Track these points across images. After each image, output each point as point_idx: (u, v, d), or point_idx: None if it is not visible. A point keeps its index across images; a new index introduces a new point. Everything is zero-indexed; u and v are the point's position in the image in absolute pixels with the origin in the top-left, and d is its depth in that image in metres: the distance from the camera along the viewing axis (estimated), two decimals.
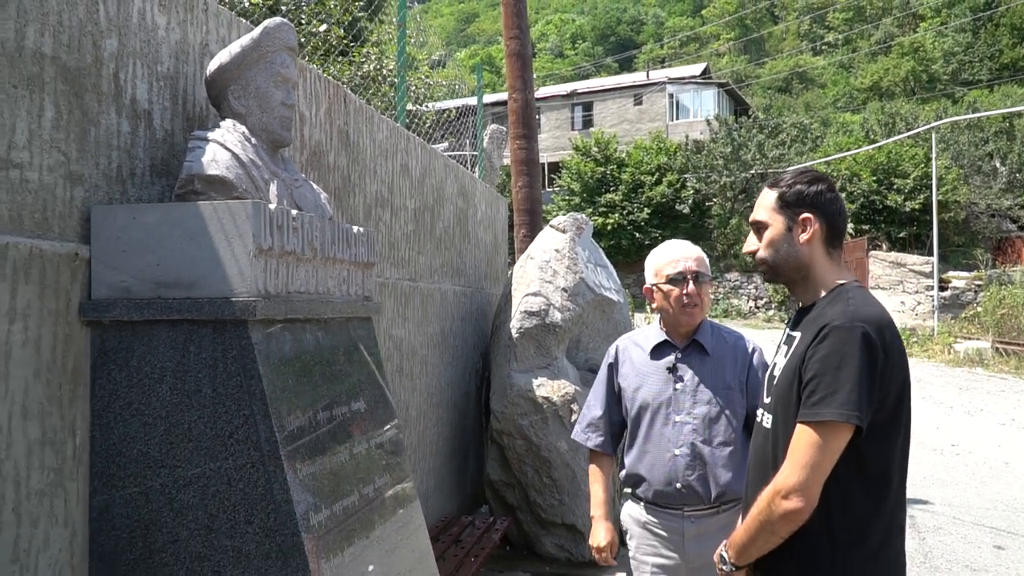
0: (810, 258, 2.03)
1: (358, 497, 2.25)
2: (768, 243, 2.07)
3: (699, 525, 2.63)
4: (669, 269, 2.70)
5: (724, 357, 2.73)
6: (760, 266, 2.11)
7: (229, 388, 1.93)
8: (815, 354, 1.86)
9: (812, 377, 1.85)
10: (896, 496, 1.94)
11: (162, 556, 1.95)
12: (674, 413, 2.67)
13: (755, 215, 2.12)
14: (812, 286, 2.04)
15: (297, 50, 2.44)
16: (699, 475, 2.62)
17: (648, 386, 2.74)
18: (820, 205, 2.02)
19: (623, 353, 2.86)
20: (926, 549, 5.74)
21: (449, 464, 5.10)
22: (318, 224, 2.25)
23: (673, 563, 2.67)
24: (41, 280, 1.87)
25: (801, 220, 2.02)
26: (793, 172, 2.11)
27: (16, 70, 1.82)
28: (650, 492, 2.68)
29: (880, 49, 56.17)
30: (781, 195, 2.05)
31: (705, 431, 2.64)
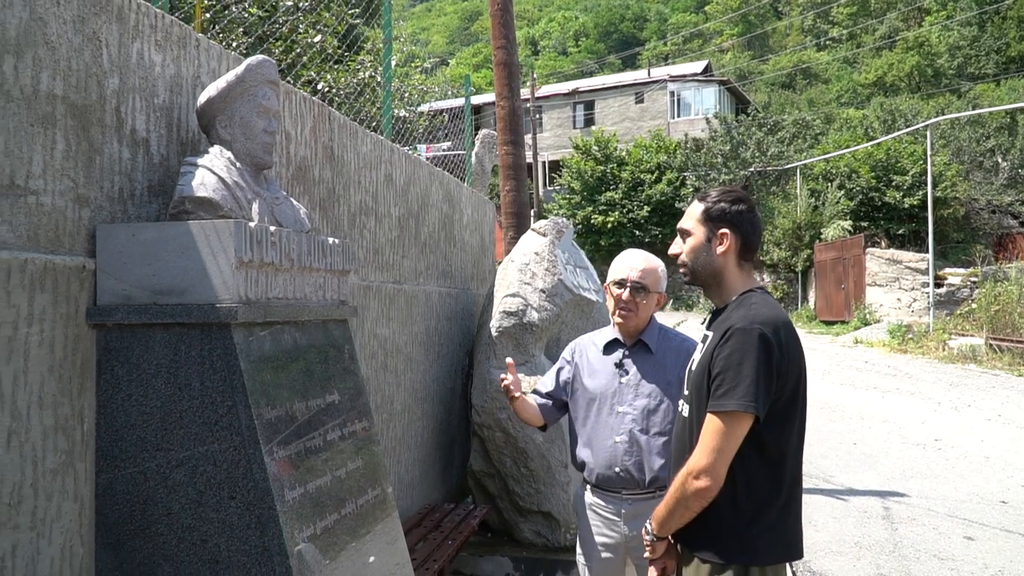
0: (723, 267, 2.32)
1: (331, 478, 2.56)
2: (689, 250, 2.36)
3: (634, 507, 2.93)
4: (615, 274, 3.02)
5: (667, 356, 3.02)
6: (680, 268, 2.39)
7: (215, 382, 2.24)
8: (720, 353, 2.15)
9: (718, 373, 2.14)
10: (792, 474, 2.22)
11: (158, 527, 2.27)
12: (617, 404, 2.97)
13: (682, 223, 2.40)
14: (724, 291, 2.33)
15: (278, 82, 2.75)
16: (635, 460, 2.91)
17: (598, 379, 3.05)
18: (738, 223, 2.31)
19: (581, 349, 3.18)
20: (897, 539, 5.96)
21: (434, 455, 5.41)
22: (295, 238, 2.56)
23: (614, 541, 2.99)
24: (54, 289, 2.19)
25: (719, 234, 2.31)
26: (720, 189, 2.40)
27: (32, 110, 2.13)
28: (593, 476, 2.99)
29: (884, 44, 56.17)
30: (706, 209, 2.33)
31: (643, 421, 2.93)
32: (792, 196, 29.41)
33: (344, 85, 8.81)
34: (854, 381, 14.17)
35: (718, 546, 2.20)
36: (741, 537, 2.18)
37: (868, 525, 6.28)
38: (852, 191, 27.72)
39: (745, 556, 2.18)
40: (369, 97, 8.87)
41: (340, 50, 8.13)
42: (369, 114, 8.01)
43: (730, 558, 2.18)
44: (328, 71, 8.64)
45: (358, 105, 8.25)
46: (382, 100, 5.35)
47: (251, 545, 2.21)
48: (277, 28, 8.01)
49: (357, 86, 8.89)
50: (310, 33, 7.81)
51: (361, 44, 9.44)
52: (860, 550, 5.71)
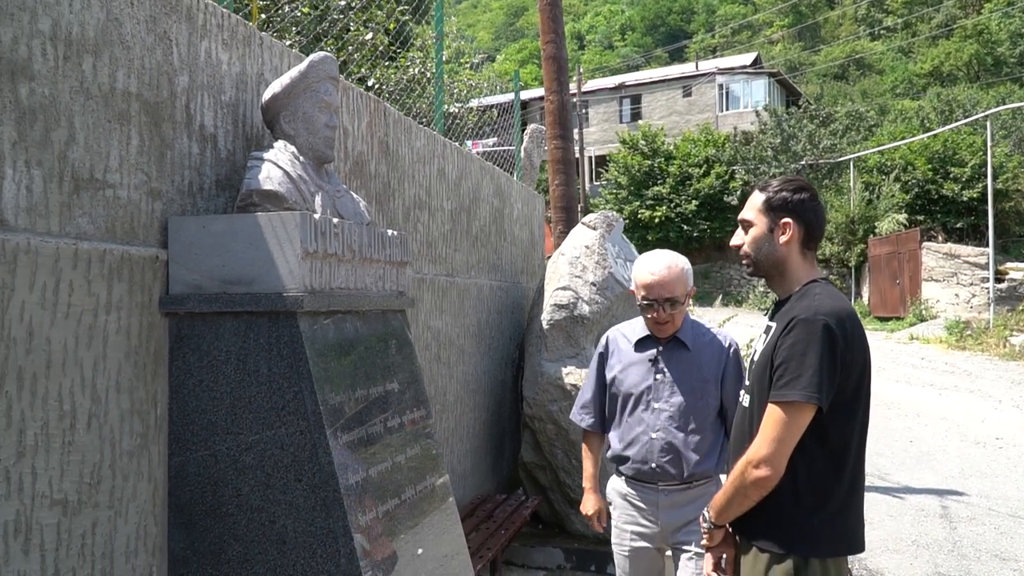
0: (786, 257, 2.29)
1: (391, 464, 2.63)
2: (752, 241, 2.33)
3: (672, 497, 2.97)
4: (643, 292, 2.93)
5: (702, 352, 3.01)
6: (743, 260, 2.37)
7: (282, 368, 2.32)
8: (784, 343, 2.13)
9: (780, 363, 2.12)
10: (854, 467, 2.20)
11: (227, 508, 2.35)
12: (653, 401, 2.97)
13: (743, 214, 2.38)
14: (787, 282, 2.31)
15: (338, 79, 2.83)
16: (671, 457, 2.93)
17: (632, 375, 3.04)
18: (801, 211, 2.28)
19: (612, 343, 3.17)
20: (956, 538, 5.84)
21: (485, 446, 5.47)
22: (356, 229, 2.63)
23: (650, 531, 3.01)
24: (130, 279, 2.29)
25: (782, 224, 2.29)
26: (782, 179, 2.38)
27: (110, 108, 2.23)
28: (630, 469, 3.01)
29: (941, 32, 54.75)
30: (768, 199, 2.31)
31: (680, 418, 2.93)
32: (845, 189, 28.88)
33: (394, 81, 8.92)
34: (910, 378, 13.89)
35: (778, 536, 2.18)
36: (802, 528, 2.16)
37: (925, 523, 6.18)
38: (908, 184, 27.13)
39: (805, 547, 2.16)
40: (419, 93, 8.97)
41: (391, 47, 8.23)
42: (419, 110, 8.11)
43: (790, 548, 2.16)
44: (378, 68, 8.76)
45: (408, 101, 8.35)
46: (433, 96, 5.43)
47: (316, 526, 2.28)
48: (330, 27, 8.15)
49: (407, 82, 8.99)
50: (362, 31, 7.93)
51: (411, 41, 9.55)
52: (917, 548, 5.62)
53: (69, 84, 2.10)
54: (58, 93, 2.07)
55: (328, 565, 2.27)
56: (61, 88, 2.08)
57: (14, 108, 1.94)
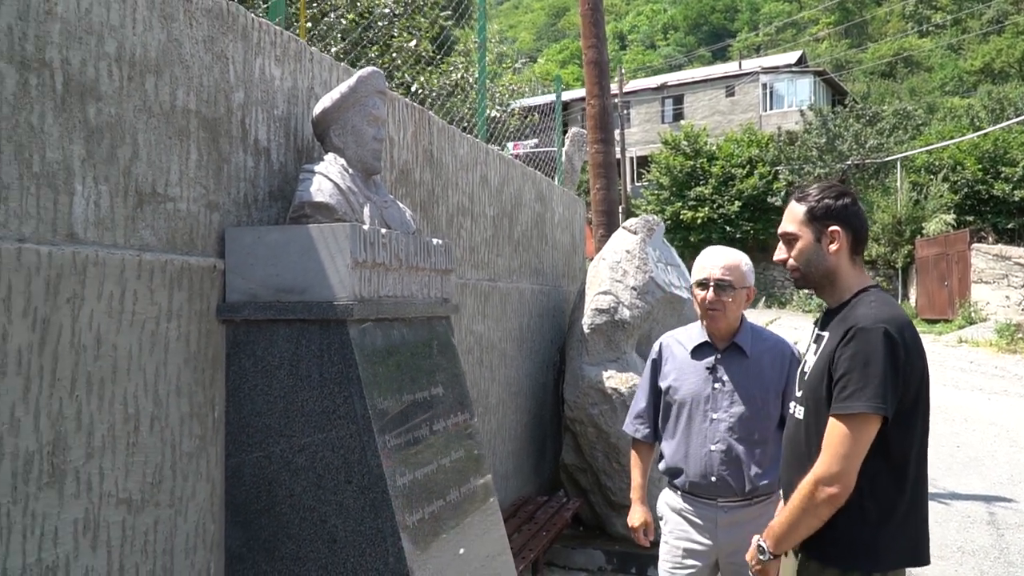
0: (836, 266, 2.24)
1: (436, 467, 2.71)
2: (799, 253, 2.28)
3: (732, 515, 2.83)
4: (698, 274, 2.90)
5: (762, 359, 2.89)
6: (792, 274, 2.32)
7: (332, 374, 2.41)
8: (843, 353, 2.07)
9: (843, 374, 2.06)
10: (916, 477, 2.14)
11: (281, 507, 2.45)
12: (712, 411, 2.84)
13: (784, 227, 2.32)
14: (838, 290, 2.26)
15: (386, 92, 2.92)
16: (733, 470, 2.80)
17: (688, 384, 2.91)
18: (847, 218, 2.24)
19: (666, 350, 3.05)
20: (1003, 545, 5.78)
21: (527, 449, 5.54)
22: (403, 239, 2.72)
23: (704, 548, 2.87)
24: (190, 288, 2.40)
25: (829, 232, 2.23)
26: (819, 186, 2.31)
27: (171, 124, 2.34)
28: (687, 483, 2.88)
29: (992, 29, 53.52)
30: (810, 209, 2.25)
31: (741, 429, 2.81)
32: (892, 190, 28.38)
33: (437, 86, 9.04)
34: (958, 382, 13.64)
35: (839, 551, 2.13)
36: (865, 542, 2.11)
37: (971, 530, 6.10)
38: (956, 184, 26.60)
39: (868, 562, 2.12)
40: (460, 97, 9.07)
41: (434, 53, 8.34)
42: (460, 114, 8.21)
43: (853, 564, 2.12)
44: (421, 73, 8.88)
45: (449, 105, 8.46)
46: (476, 102, 5.51)
47: (366, 526, 2.37)
48: (373, 33, 8.29)
49: (449, 87, 9.11)
50: (404, 37, 8.05)
51: (453, 46, 9.66)
52: (963, 555, 5.56)
53: (133, 103, 2.21)
54: (123, 112, 2.18)
55: (377, 564, 2.35)
56: (126, 107, 2.19)
57: (83, 127, 2.06)
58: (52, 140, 1.97)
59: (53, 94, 1.97)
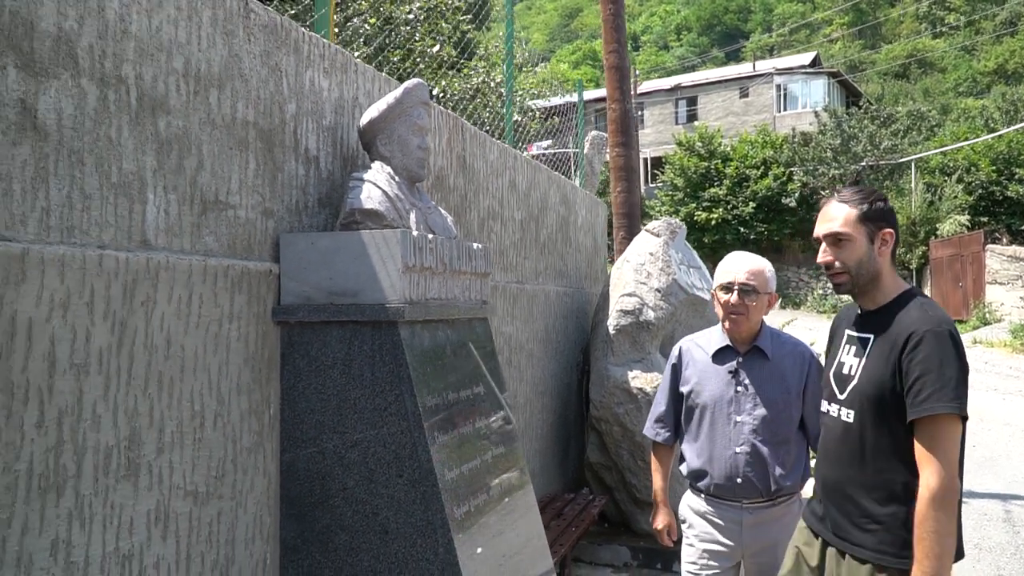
0: (882, 268, 2.26)
1: (479, 462, 2.82)
2: (850, 255, 2.25)
3: (757, 516, 2.87)
4: (722, 278, 2.93)
5: (783, 362, 2.93)
6: (839, 276, 2.28)
7: (384, 373, 2.52)
8: (914, 357, 2.08)
9: (918, 377, 2.06)
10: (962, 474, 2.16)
11: (334, 500, 2.57)
12: (735, 413, 2.88)
13: (833, 228, 2.27)
14: (880, 293, 2.27)
15: (430, 103, 3.03)
16: (758, 471, 2.84)
17: (711, 388, 2.93)
18: (894, 221, 2.27)
19: (686, 355, 3.07)
20: (1018, 542, 5.83)
21: (553, 447, 5.65)
22: (447, 244, 2.83)
23: (728, 550, 2.90)
24: (248, 291, 2.52)
25: (883, 235, 2.25)
26: (857, 189, 2.32)
27: (232, 135, 2.46)
28: (711, 485, 2.91)
29: (1006, 30, 53.29)
30: (864, 211, 2.24)
31: (764, 431, 2.84)
32: (906, 191, 28.32)
33: (458, 90, 9.15)
34: (973, 382, 13.55)
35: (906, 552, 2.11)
36: None
37: (988, 528, 6.17)
38: (971, 185, 26.54)
39: None
40: (482, 101, 9.18)
41: (456, 58, 8.46)
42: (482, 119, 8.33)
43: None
44: (443, 77, 9.00)
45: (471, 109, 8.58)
46: (504, 107, 5.62)
47: (416, 518, 2.48)
48: (396, 38, 8.41)
49: (471, 91, 9.21)
50: (427, 42, 8.16)
51: (473, 50, 9.77)
52: (979, 552, 5.63)
53: (198, 116, 2.33)
54: (189, 124, 2.30)
55: (427, 554, 2.46)
56: (192, 120, 2.31)
57: (154, 139, 2.18)
58: (128, 152, 2.09)
59: (128, 108, 2.09)
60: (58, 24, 1.89)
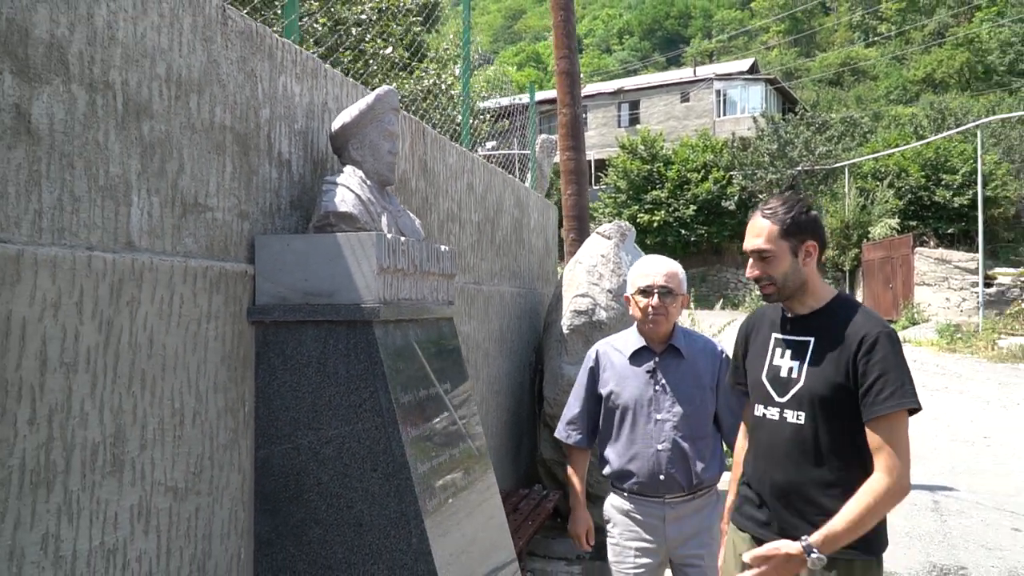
0: (809, 276, 2.36)
1: (448, 455, 2.92)
2: (775, 269, 2.34)
3: (678, 510, 2.97)
4: (640, 282, 3.00)
5: (697, 359, 3.03)
6: (767, 288, 2.37)
7: (358, 371, 2.61)
8: (872, 358, 2.19)
9: (878, 377, 2.17)
10: None
11: (309, 495, 2.64)
12: (655, 412, 2.96)
13: (757, 244, 2.36)
14: (810, 297, 2.37)
15: (399, 109, 3.12)
16: (680, 467, 2.94)
17: (630, 388, 3.01)
18: (816, 230, 2.35)
19: (603, 357, 3.15)
20: (946, 530, 6.17)
21: (507, 445, 5.77)
22: (417, 246, 2.93)
23: (653, 546, 3.00)
24: (225, 292, 2.57)
25: (806, 247, 2.34)
26: (782, 200, 2.39)
27: (210, 139, 2.52)
28: (635, 484, 2.99)
29: (934, 41, 55.32)
30: (784, 225, 2.32)
31: (684, 427, 2.94)
32: (840, 195, 29.28)
33: (409, 92, 9.21)
34: None
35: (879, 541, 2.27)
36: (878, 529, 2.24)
37: (918, 517, 6.49)
38: (901, 190, 27.55)
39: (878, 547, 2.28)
40: (432, 102, 9.26)
41: (408, 59, 8.52)
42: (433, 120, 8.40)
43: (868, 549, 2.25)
44: (394, 79, 9.04)
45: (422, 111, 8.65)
46: (460, 110, 5.72)
47: (390, 511, 2.57)
48: (347, 39, 8.43)
49: (421, 92, 9.28)
50: (378, 43, 8.21)
51: (424, 52, 9.84)
52: (911, 540, 5.94)
53: (179, 120, 2.39)
54: (171, 129, 2.35)
55: (401, 544, 2.56)
56: (173, 124, 2.36)
57: (138, 143, 2.23)
58: (114, 156, 2.14)
59: (115, 113, 2.14)
60: (51, 31, 1.93)
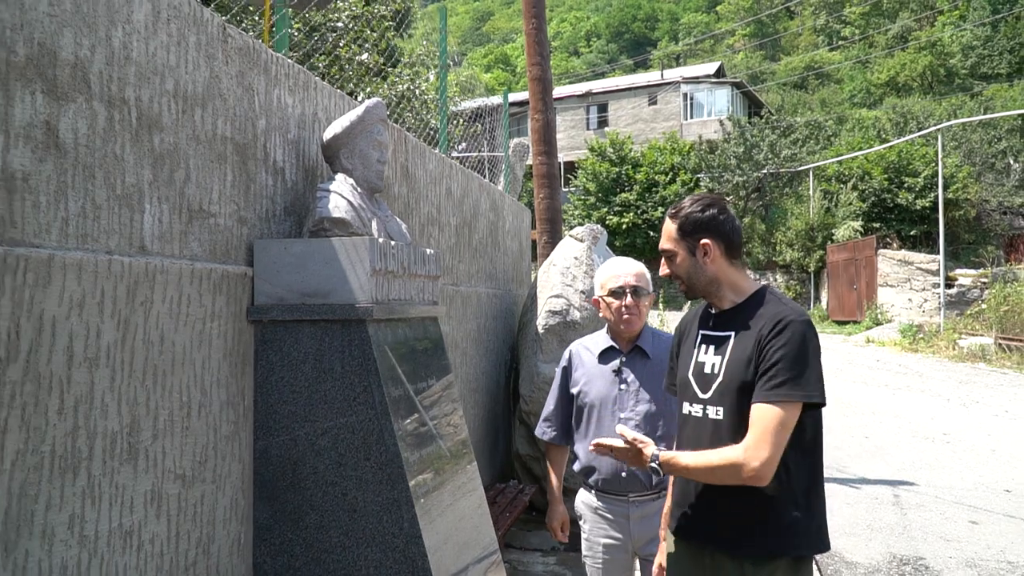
0: (717, 273, 2.31)
1: (434, 445, 3.11)
2: (678, 268, 2.35)
3: (642, 509, 3.02)
4: (611, 283, 3.05)
5: (663, 359, 2.97)
6: (681, 287, 2.39)
7: (352, 366, 2.79)
8: (773, 345, 2.12)
9: (774, 363, 2.10)
10: (821, 463, 2.26)
11: (306, 483, 2.82)
12: (619, 410, 3.01)
13: (662, 244, 2.39)
14: (730, 293, 2.33)
15: (387, 120, 3.30)
16: None
17: (597, 387, 3.08)
18: (715, 227, 2.29)
19: (576, 357, 3.22)
20: (906, 523, 6.42)
21: (484, 441, 5.96)
22: (405, 250, 3.12)
23: (620, 542, 3.06)
24: (227, 292, 2.75)
25: (701, 245, 2.30)
26: (689, 200, 2.36)
27: (213, 150, 2.69)
28: (599, 481, 3.06)
29: (897, 44, 56.40)
30: (680, 226, 2.32)
31: (646, 426, 2.97)
32: (805, 198, 29.84)
33: (383, 97, 9.38)
34: (866, 379, 14.65)
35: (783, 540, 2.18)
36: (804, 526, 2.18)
37: (879, 510, 6.76)
38: (865, 192, 28.11)
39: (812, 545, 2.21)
40: (406, 106, 9.43)
41: (383, 65, 8.68)
42: (408, 124, 8.57)
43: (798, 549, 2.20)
44: (369, 84, 9.20)
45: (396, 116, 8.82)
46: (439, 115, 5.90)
47: (383, 497, 2.76)
48: (323, 44, 8.58)
49: (396, 97, 9.45)
50: (353, 49, 8.36)
51: (398, 58, 10.00)
52: (872, 532, 6.20)
53: (186, 132, 2.56)
54: (179, 140, 2.53)
55: (393, 528, 2.75)
56: (180, 136, 2.53)
57: (150, 154, 2.40)
58: (129, 167, 2.30)
59: (130, 127, 2.31)
60: (75, 52, 2.10)
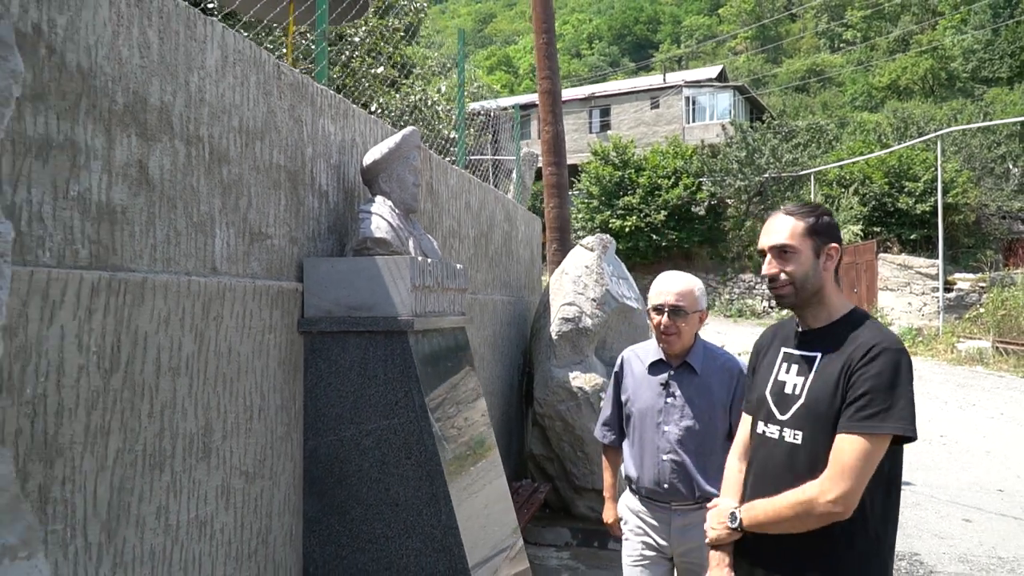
0: (825, 284, 2.21)
1: (467, 442, 3.40)
2: (797, 267, 2.19)
3: (684, 518, 3.05)
4: (654, 299, 3.11)
5: (712, 377, 3.08)
6: (783, 288, 2.21)
7: (394, 373, 3.08)
8: (865, 373, 2.03)
9: (864, 392, 2.01)
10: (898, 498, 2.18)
11: (351, 480, 3.10)
12: (663, 423, 3.07)
13: (780, 240, 2.22)
14: (824, 310, 2.22)
15: (422, 147, 3.59)
16: (683, 478, 3.02)
17: (643, 397, 3.15)
18: (839, 237, 2.25)
19: (627, 364, 3.30)
20: (902, 520, 6.68)
21: (500, 442, 6.23)
22: (439, 266, 3.40)
23: (660, 547, 3.11)
24: (282, 307, 3.03)
25: (828, 249, 2.21)
26: (801, 204, 2.29)
27: (269, 178, 2.98)
28: (643, 488, 3.13)
29: (898, 47, 56.66)
30: (811, 225, 2.20)
31: (690, 441, 3.02)
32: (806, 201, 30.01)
33: (396, 107, 9.66)
34: None
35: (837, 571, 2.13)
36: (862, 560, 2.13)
37: None
38: (865, 197, 28.34)
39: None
40: (417, 116, 9.71)
41: (396, 77, 8.97)
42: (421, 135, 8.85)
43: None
44: (382, 95, 9.50)
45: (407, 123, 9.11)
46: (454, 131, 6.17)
47: (422, 492, 3.04)
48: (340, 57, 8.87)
49: (408, 107, 9.74)
50: (372, 63, 8.65)
51: (411, 69, 10.29)
52: None
53: (248, 163, 2.84)
54: (242, 171, 2.81)
55: (432, 520, 3.03)
56: (244, 167, 2.82)
57: (219, 185, 2.68)
58: (203, 196, 2.59)
59: (203, 161, 2.59)
60: (160, 98, 2.38)
